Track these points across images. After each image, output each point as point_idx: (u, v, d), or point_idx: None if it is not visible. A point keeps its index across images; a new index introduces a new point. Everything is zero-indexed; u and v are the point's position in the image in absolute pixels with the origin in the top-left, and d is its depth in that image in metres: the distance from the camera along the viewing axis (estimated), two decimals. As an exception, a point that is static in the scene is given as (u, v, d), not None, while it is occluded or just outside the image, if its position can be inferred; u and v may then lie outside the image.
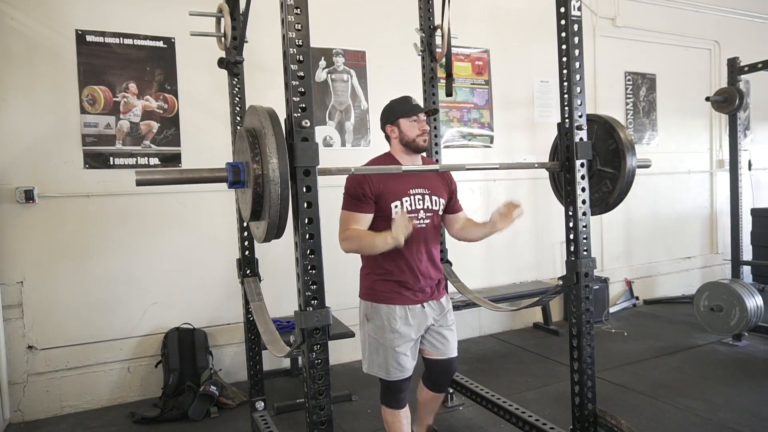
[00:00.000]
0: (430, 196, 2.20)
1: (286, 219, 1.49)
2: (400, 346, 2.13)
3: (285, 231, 1.53)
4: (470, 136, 4.54)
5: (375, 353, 2.17)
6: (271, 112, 1.50)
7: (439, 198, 2.23)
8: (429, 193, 2.20)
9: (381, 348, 2.15)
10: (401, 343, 2.14)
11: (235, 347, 3.70)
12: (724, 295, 4.08)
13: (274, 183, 1.42)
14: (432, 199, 2.21)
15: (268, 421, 2.64)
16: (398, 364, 2.14)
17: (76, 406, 3.31)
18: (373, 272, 2.19)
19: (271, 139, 1.43)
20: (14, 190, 3.15)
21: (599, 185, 2.21)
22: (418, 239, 2.16)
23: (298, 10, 1.51)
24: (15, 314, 3.20)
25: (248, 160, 1.49)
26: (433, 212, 2.21)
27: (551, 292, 2.28)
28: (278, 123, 1.48)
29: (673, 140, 5.71)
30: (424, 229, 2.18)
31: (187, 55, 3.54)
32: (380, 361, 2.16)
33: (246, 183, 1.55)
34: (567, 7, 2.02)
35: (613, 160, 2.16)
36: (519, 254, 4.75)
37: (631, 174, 2.13)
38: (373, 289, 2.18)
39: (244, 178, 1.56)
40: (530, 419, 2.46)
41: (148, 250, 3.49)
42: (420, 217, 2.17)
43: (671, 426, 2.80)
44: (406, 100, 2.23)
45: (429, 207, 2.19)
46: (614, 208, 2.26)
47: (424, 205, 2.18)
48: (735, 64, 4.19)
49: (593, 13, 5.09)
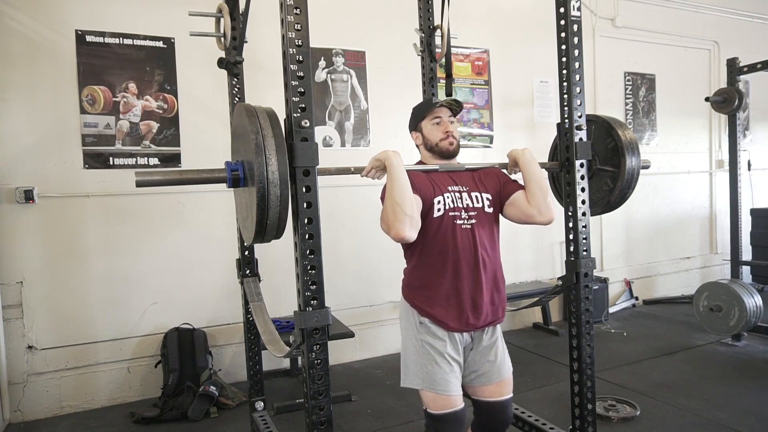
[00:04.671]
0: (469, 192, 1.92)
1: (285, 219, 1.49)
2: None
3: (285, 232, 1.53)
4: (470, 136, 4.54)
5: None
6: (269, 111, 1.50)
7: (481, 193, 1.92)
8: (468, 190, 1.92)
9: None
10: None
11: (234, 347, 3.70)
12: (723, 296, 4.09)
13: (273, 184, 1.42)
14: (472, 196, 1.91)
15: (268, 421, 2.64)
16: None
17: (75, 406, 3.31)
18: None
19: (270, 140, 1.43)
20: (14, 190, 3.15)
21: (599, 184, 2.22)
22: (465, 245, 1.86)
23: (297, 10, 1.51)
24: (15, 314, 3.19)
25: (249, 160, 1.48)
26: (478, 210, 1.90)
27: (551, 292, 2.28)
28: (277, 122, 1.49)
29: (673, 140, 5.72)
30: (470, 233, 1.87)
31: (186, 55, 3.54)
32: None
33: (246, 183, 1.55)
34: (567, 7, 2.02)
35: (613, 158, 2.16)
36: (518, 254, 4.76)
37: (632, 172, 2.12)
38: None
39: (243, 178, 1.56)
40: (530, 419, 2.46)
41: (148, 250, 3.49)
42: (462, 217, 1.87)
43: (671, 426, 2.81)
44: (427, 100, 2.03)
45: (470, 205, 1.89)
46: (617, 207, 2.23)
47: (464, 203, 1.89)
48: (734, 64, 4.19)
49: (593, 13, 5.10)
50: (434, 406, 1.84)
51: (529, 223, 1.93)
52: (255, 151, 1.42)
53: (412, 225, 1.71)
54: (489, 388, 1.91)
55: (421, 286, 1.89)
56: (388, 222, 1.70)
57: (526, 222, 1.93)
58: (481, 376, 1.92)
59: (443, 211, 1.85)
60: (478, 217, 1.89)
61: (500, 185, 1.98)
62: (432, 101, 2.02)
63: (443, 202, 1.85)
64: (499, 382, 1.92)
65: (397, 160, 1.75)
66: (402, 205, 1.68)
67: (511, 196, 1.94)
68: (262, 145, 1.43)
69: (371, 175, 1.83)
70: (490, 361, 1.92)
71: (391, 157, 1.75)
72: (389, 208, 1.70)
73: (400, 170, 1.73)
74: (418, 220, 1.75)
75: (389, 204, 1.70)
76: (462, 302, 1.85)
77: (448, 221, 1.85)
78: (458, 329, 1.86)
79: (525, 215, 1.91)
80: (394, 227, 1.69)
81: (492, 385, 1.92)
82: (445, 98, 2.01)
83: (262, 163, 1.41)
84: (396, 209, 1.68)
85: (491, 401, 1.92)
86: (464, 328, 1.86)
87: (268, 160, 1.42)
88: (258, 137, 1.44)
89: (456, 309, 1.84)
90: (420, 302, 1.89)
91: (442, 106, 1.99)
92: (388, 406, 3.21)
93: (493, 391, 1.92)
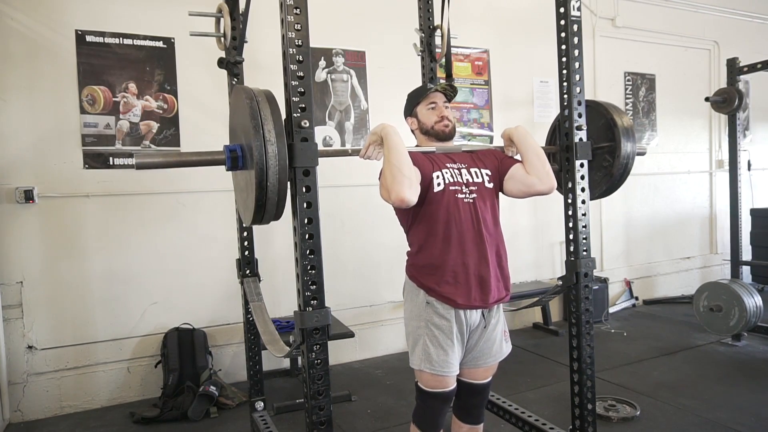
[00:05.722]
0: (468, 168, 1.93)
1: (284, 199, 1.49)
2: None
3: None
4: (470, 136, 4.54)
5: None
6: (268, 93, 1.52)
7: (479, 169, 1.94)
8: (466, 166, 1.94)
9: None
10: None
11: (234, 347, 3.70)
12: (723, 296, 4.09)
13: (273, 165, 1.43)
14: (471, 171, 1.93)
15: (268, 421, 2.64)
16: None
17: (75, 406, 3.31)
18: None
19: (269, 121, 1.44)
20: (14, 190, 3.15)
21: (600, 162, 2.25)
22: (468, 219, 1.86)
23: (297, 10, 1.51)
24: (15, 314, 3.19)
25: (248, 141, 1.49)
26: (478, 185, 1.91)
27: (551, 292, 2.28)
28: (275, 104, 1.50)
29: (673, 140, 5.72)
30: (472, 206, 1.88)
31: (186, 55, 3.54)
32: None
33: (245, 165, 1.55)
34: (567, 7, 2.02)
35: (606, 134, 2.20)
36: (518, 254, 4.75)
37: (626, 132, 2.16)
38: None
39: (242, 161, 1.57)
40: (530, 419, 2.47)
41: (148, 250, 3.49)
42: (463, 191, 1.88)
43: (671, 426, 2.80)
44: (422, 86, 2.07)
45: (470, 180, 1.90)
46: (622, 183, 2.24)
47: (463, 178, 1.90)
48: (734, 64, 4.19)
49: (593, 13, 5.10)
50: (428, 385, 1.88)
51: (530, 193, 1.92)
52: (254, 132, 1.43)
53: (411, 187, 1.71)
54: (477, 371, 1.97)
55: (428, 264, 1.88)
56: (388, 186, 1.71)
57: (528, 193, 1.92)
58: (476, 359, 1.95)
59: (443, 185, 1.86)
60: (478, 191, 1.90)
61: (498, 161, 1.99)
62: (427, 86, 2.04)
63: (442, 177, 1.87)
64: (487, 367, 1.97)
65: (393, 130, 1.78)
66: (400, 168, 1.70)
67: (509, 170, 1.95)
68: (260, 126, 1.44)
69: (369, 153, 1.84)
70: (489, 344, 1.95)
71: (386, 128, 1.78)
72: (388, 174, 1.72)
73: (397, 138, 1.76)
74: (417, 185, 1.76)
75: (387, 169, 1.72)
76: (469, 278, 1.84)
77: (450, 195, 1.86)
78: (466, 306, 1.85)
79: (525, 185, 1.91)
80: (393, 190, 1.69)
81: (480, 369, 1.96)
82: (440, 83, 2.02)
83: (260, 144, 1.42)
84: (395, 172, 1.70)
85: (474, 383, 1.97)
86: (472, 304, 1.85)
87: (267, 140, 1.43)
88: (256, 118, 1.44)
89: (464, 285, 1.84)
90: (426, 281, 1.87)
91: (437, 91, 2.01)
92: (388, 406, 3.21)
93: (479, 374, 1.97)
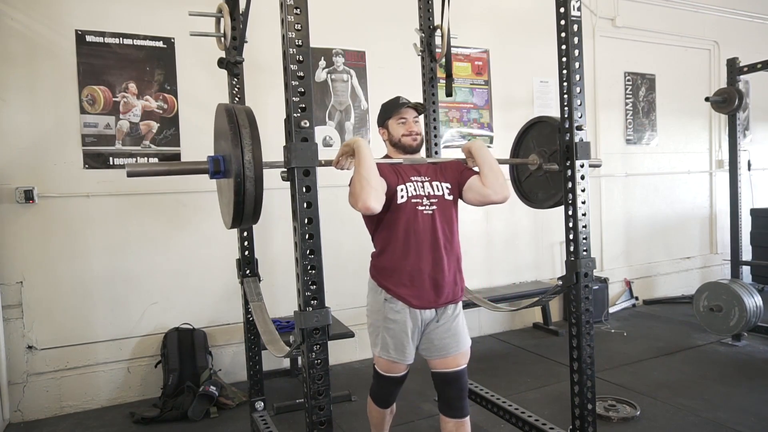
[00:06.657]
0: (430, 182, 2.10)
1: (260, 206, 1.61)
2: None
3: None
4: (470, 136, 4.54)
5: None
6: (247, 109, 1.64)
7: (441, 183, 2.11)
8: (429, 180, 2.11)
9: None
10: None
11: (234, 347, 3.70)
12: (723, 296, 4.09)
13: (249, 175, 1.54)
14: (433, 185, 2.10)
15: (268, 421, 2.64)
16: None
17: (75, 406, 3.31)
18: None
19: (247, 135, 1.56)
20: (14, 190, 3.15)
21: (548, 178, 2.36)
22: (426, 229, 2.03)
23: (297, 10, 1.51)
24: (15, 314, 3.20)
25: (228, 153, 1.60)
26: (438, 198, 2.08)
27: (551, 292, 2.28)
28: (253, 119, 1.60)
29: (673, 140, 5.72)
30: (431, 218, 2.04)
31: (186, 55, 3.54)
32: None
33: (226, 174, 1.66)
34: (567, 7, 2.02)
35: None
36: (518, 254, 4.75)
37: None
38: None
39: (223, 169, 1.67)
40: (530, 419, 2.47)
41: (148, 250, 3.49)
42: (424, 204, 2.05)
43: (671, 426, 2.81)
44: (394, 100, 2.19)
45: (432, 193, 2.08)
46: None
47: (425, 191, 2.07)
48: (734, 64, 4.19)
49: (593, 13, 5.10)
50: (384, 369, 2.13)
51: (486, 203, 2.11)
52: (232, 144, 1.54)
53: (377, 197, 1.88)
54: (446, 360, 2.09)
55: (388, 267, 2.06)
56: (356, 194, 1.86)
57: (483, 202, 2.11)
58: (440, 349, 2.09)
59: (406, 198, 2.03)
60: (438, 204, 2.08)
61: (458, 174, 2.16)
62: (399, 102, 2.17)
63: (406, 190, 2.04)
64: (455, 354, 2.09)
65: (364, 143, 1.93)
66: (369, 179, 1.86)
67: (467, 181, 2.12)
68: (238, 140, 1.55)
69: (342, 163, 1.97)
70: (450, 335, 2.09)
71: (359, 141, 1.94)
72: (357, 183, 1.86)
73: (367, 151, 1.90)
74: (382, 195, 1.92)
75: (357, 179, 1.87)
76: (423, 282, 2.03)
77: (411, 207, 2.03)
78: (420, 306, 2.04)
79: (481, 196, 2.08)
80: (360, 198, 1.84)
81: (449, 357, 2.09)
82: (410, 101, 2.17)
83: (239, 156, 1.53)
84: (363, 182, 1.85)
85: (446, 372, 2.09)
86: (426, 305, 2.05)
87: (245, 152, 1.53)
88: (235, 132, 1.56)
89: (419, 288, 2.03)
90: (386, 281, 2.07)
91: (408, 107, 2.15)
92: (388, 406, 3.20)
93: (449, 362, 2.09)
